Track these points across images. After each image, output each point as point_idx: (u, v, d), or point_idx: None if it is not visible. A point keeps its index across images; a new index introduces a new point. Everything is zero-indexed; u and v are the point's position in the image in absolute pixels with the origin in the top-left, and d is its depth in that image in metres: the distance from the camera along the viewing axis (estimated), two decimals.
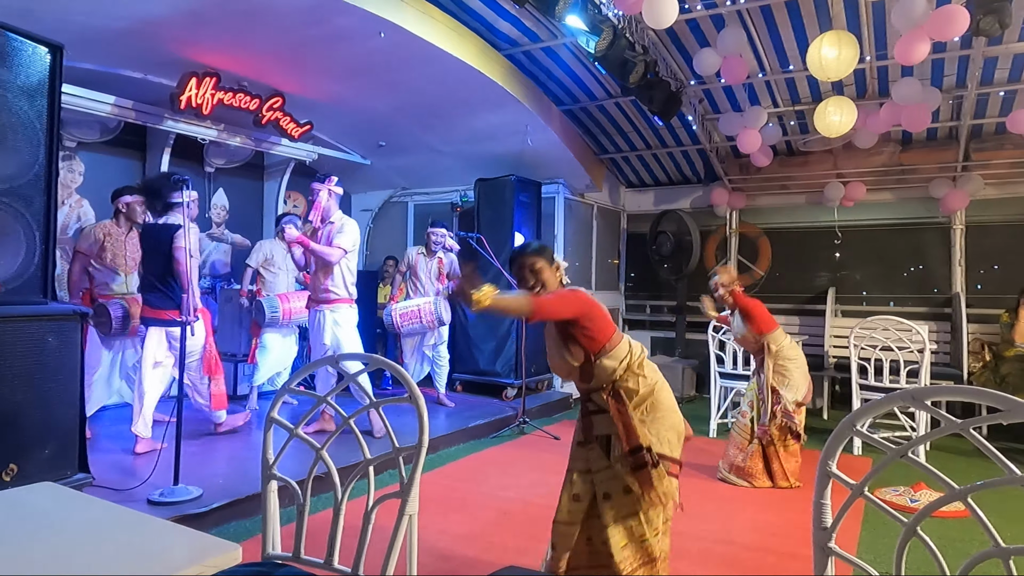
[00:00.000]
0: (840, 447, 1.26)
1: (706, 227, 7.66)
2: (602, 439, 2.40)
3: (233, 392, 5.81)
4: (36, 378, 2.80)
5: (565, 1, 4.19)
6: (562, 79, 6.27)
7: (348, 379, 1.75)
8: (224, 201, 6.93)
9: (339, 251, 4.45)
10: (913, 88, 5.02)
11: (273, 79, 5.66)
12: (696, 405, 6.70)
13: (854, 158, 6.45)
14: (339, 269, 4.52)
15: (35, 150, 2.92)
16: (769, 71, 5.68)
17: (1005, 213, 6.39)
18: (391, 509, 1.51)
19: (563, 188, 7.24)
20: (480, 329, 6.55)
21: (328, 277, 4.52)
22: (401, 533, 1.50)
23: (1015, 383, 5.39)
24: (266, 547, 1.69)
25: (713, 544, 3.22)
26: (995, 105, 5.73)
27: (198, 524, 3.04)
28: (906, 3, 4.07)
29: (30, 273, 2.91)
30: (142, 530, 1.31)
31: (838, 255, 7.13)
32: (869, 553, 3.09)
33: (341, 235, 4.49)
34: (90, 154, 5.72)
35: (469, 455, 4.77)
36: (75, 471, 2.97)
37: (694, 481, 4.22)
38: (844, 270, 7.17)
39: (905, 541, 1.16)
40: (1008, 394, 1.10)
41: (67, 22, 4.09)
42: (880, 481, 4.04)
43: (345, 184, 8.40)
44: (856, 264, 7.10)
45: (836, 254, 7.11)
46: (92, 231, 4.55)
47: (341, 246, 4.46)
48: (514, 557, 3.00)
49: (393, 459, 1.56)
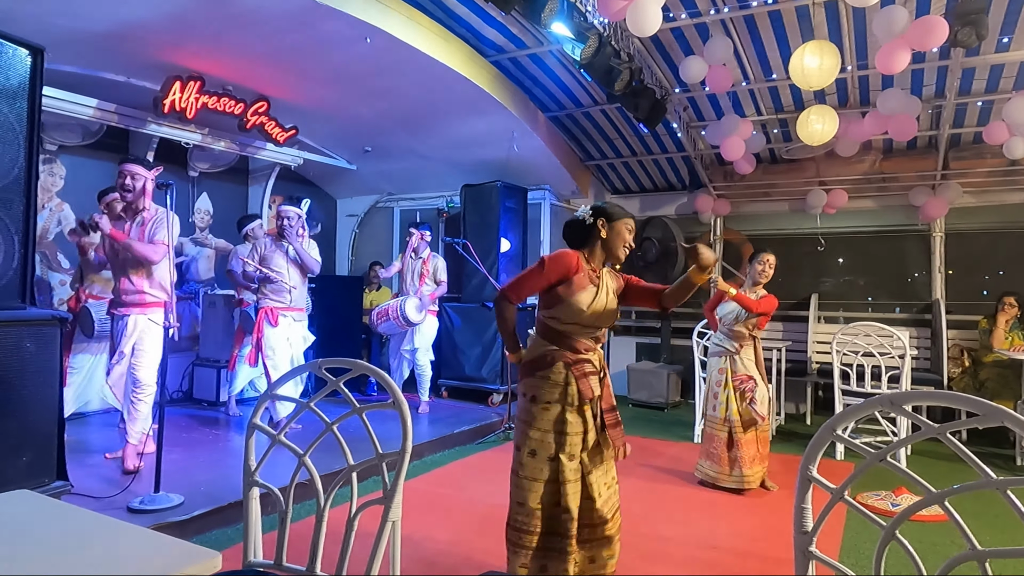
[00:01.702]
0: (821, 451, 1.28)
1: (691, 234, 7.72)
2: (594, 400, 2.48)
3: (216, 399, 5.77)
4: (13, 384, 2.76)
5: (551, 8, 4.21)
6: (548, 86, 6.30)
7: (331, 384, 1.74)
8: (208, 205, 6.89)
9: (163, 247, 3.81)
10: (898, 99, 5.11)
11: (258, 83, 5.63)
12: (681, 410, 6.72)
13: (836, 166, 6.53)
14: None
15: (15, 153, 2.88)
16: (752, 79, 5.75)
17: (983, 221, 6.50)
18: (374, 516, 1.50)
19: (549, 194, 7.27)
20: (466, 335, 6.55)
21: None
22: (384, 539, 1.49)
23: (994, 388, 5.47)
24: (248, 555, 1.67)
25: (696, 549, 3.23)
26: (973, 115, 5.84)
27: (179, 532, 3.01)
28: (887, 14, 4.14)
29: (8, 278, 2.87)
30: (121, 538, 1.29)
31: (820, 262, 7.21)
32: (851, 557, 3.12)
33: (163, 230, 3.78)
34: (71, 157, 5.66)
35: (454, 461, 4.75)
36: (53, 478, 2.93)
37: (678, 487, 4.24)
38: (826, 277, 7.26)
39: (884, 544, 1.18)
40: (986, 399, 1.12)
41: (48, 25, 4.06)
42: (863, 485, 4.08)
43: (330, 189, 8.43)
44: (838, 271, 7.19)
45: (818, 261, 7.19)
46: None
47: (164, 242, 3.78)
48: (498, 563, 2.99)
49: (376, 465, 1.56)
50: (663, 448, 5.22)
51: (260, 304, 4.78)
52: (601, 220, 2.50)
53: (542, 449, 2.41)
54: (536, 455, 2.41)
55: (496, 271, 6.33)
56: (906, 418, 1.96)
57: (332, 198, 8.55)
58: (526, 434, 2.44)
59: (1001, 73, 5.25)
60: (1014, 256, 6.32)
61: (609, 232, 2.50)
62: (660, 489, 4.17)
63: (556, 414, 2.43)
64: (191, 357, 6.14)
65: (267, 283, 4.72)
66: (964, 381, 5.76)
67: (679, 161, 7.35)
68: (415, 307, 5.71)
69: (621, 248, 2.53)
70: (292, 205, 4.81)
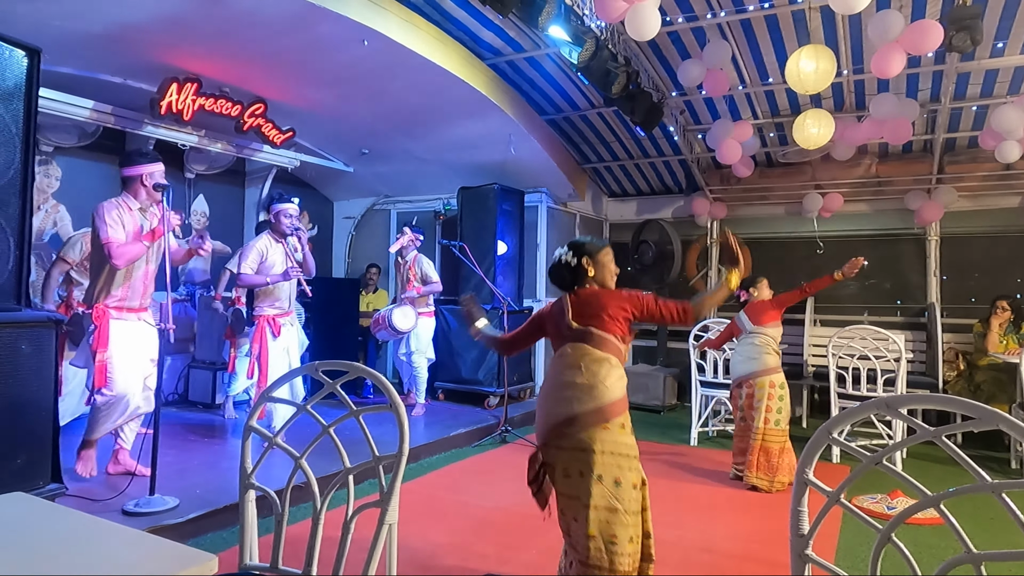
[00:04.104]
0: (817, 455, 1.28)
1: (687, 237, 7.73)
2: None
3: (212, 401, 5.75)
4: (8, 386, 2.74)
5: (548, 11, 4.22)
6: (545, 89, 6.31)
7: (328, 387, 1.74)
8: (204, 207, 6.87)
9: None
10: (892, 103, 5.13)
11: (255, 85, 5.63)
12: (677, 414, 6.73)
13: (832, 170, 6.56)
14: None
15: (11, 154, 2.87)
16: (749, 83, 5.77)
17: (978, 225, 6.52)
18: (371, 519, 1.50)
19: (546, 197, 7.27)
20: (462, 338, 6.54)
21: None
22: (381, 542, 1.49)
23: (989, 391, 5.49)
24: (243, 557, 1.66)
25: (693, 552, 3.23)
26: (968, 119, 5.87)
27: (175, 535, 2.99)
28: (882, 18, 4.16)
29: (3, 279, 2.86)
30: (116, 541, 1.29)
31: (816, 265, 7.22)
32: (847, 560, 3.12)
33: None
34: (68, 159, 5.64)
35: (450, 464, 4.75)
36: (48, 481, 2.91)
37: (674, 490, 4.24)
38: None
39: (880, 547, 1.18)
40: (981, 402, 1.12)
41: (45, 26, 4.04)
42: (859, 488, 4.09)
43: (327, 191, 8.42)
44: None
45: (814, 264, 7.20)
46: (80, 239, 4.48)
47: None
48: (495, 566, 2.99)
49: (373, 468, 1.55)
50: (659, 451, 5.23)
51: (257, 312, 4.52)
52: (585, 259, 2.51)
53: (642, 477, 2.38)
54: (640, 486, 2.36)
55: (493, 274, 6.33)
56: (902, 421, 1.96)
57: (329, 200, 8.54)
58: (633, 468, 2.34)
59: (996, 78, 5.28)
60: (1008, 260, 6.34)
61: (596, 267, 2.52)
62: (657, 492, 4.15)
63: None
64: (187, 359, 6.13)
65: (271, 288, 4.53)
66: (959, 384, 5.78)
67: (676, 164, 7.37)
68: (402, 315, 5.73)
69: (610, 278, 2.57)
70: (287, 202, 4.61)
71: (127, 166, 3.68)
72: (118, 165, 3.75)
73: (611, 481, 2.27)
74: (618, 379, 2.37)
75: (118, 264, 3.52)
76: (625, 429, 2.35)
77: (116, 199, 3.64)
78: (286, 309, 4.61)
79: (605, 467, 2.27)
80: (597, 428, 2.29)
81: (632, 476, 2.31)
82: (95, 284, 3.65)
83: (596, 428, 2.29)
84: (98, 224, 3.50)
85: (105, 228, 3.50)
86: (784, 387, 4.44)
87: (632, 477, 2.31)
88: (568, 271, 2.53)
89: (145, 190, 3.67)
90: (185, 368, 6.09)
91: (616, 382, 2.36)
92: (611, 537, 2.24)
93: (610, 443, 2.29)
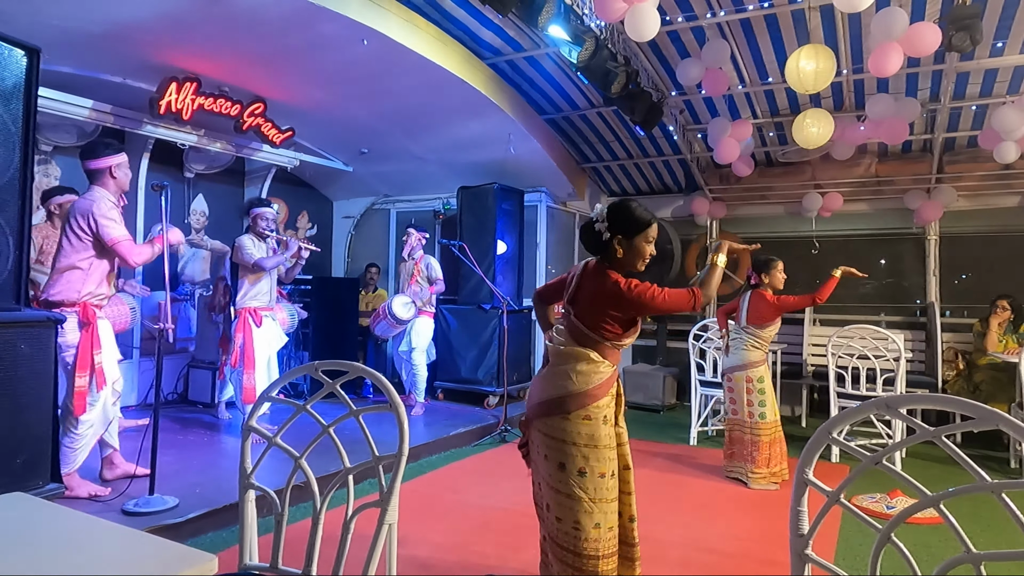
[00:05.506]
0: (817, 454, 1.28)
1: (687, 236, 7.73)
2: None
3: (211, 401, 5.75)
4: (7, 385, 2.74)
5: (548, 11, 4.22)
6: (545, 88, 6.31)
7: (328, 387, 1.74)
8: (204, 207, 6.87)
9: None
10: (888, 103, 5.13)
11: (255, 85, 5.63)
12: (677, 413, 6.73)
13: (831, 169, 6.56)
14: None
15: (10, 154, 2.87)
16: (749, 83, 5.77)
17: (978, 224, 6.52)
18: (371, 518, 1.50)
19: (545, 196, 7.27)
20: (462, 337, 6.55)
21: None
22: (381, 542, 1.49)
23: (988, 391, 5.49)
24: (243, 557, 1.66)
25: (693, 552, 3.23)
26: (967, 119, 5.87)
27: (174, 535, 3.00)
28: (885, 16, 4.15)
29: (3, 278, 2.85)
30: (115, 541, 1.29)
31: (816, 265, 7.22)
32: (847, 559, 3.12)
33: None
34: (67, 158, 5.63)
35: (450, 463, 4.75)
36: (47, 481, 2.91)
37: (674, 489, 4.24)
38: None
39: (879, 547, 1.18)
40: (980, 402, 1.12)
41: (43, 25, 4.04)
42: (858, 488, 4.09)
43: (327, 191, 8.42)
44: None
45: (814, 264, 7.20)
46: (34, 234, 4.39)
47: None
48: (494, 565, 2.99)
49: (373, 468, 1.55)
50: (659, 450, 5.23)
51: (240, 305, 4.73)
52: (618, 238, 2.35)
53: (613, 467, 2.35)
54: (614, 476, 2.36)
55: (492, 273, 6.33)
56: (901, 421, 1.96)
57: (328, 200, 8.54)
58: (603, 457, 2.31)
59: (995, 78, 5.28)
60: (1008, 259, 6.35)
61: (627, 250, 2.35)
62: (656, 491, 4.17)
63: (611, 429, 2.38)
64: (186, 359, 6.12)
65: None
66: (959, 384, 5.78)
67: (675, 164, 7.36)
68: (402, 304, 5.78)
69: (640, 263, 2.39)
70: (266, 207, 4.93)
71: (94, 159, 3.48)
72: (80, 158, 3.54)
73: (575, 470, 2.28)
74: (590, 374, 2.31)
75: (135, 264, 3.53)
76: (592, 420, 2.29)
77: (97, 193, 3.46)
78: (267, 304, 4.85)
79: (567, 456, 2.28)
80: (558, 418, 2.31)
81: (599, 466, 2.29)
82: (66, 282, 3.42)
83: (557, 417, 2.31)
84: (100, 223, 3.38)
85: (112, 226, 3.41)
86: (763, 380, 4.45)
87: (599, 467, 2.29)
88: (597, 240, 2.40)
89: (114, 182, 3.53)
90: (184, 367, 6.08)
91: (585, 376, 2.30)
92: (575, 523, 2.27)
93: (572, 433, 2.28)
